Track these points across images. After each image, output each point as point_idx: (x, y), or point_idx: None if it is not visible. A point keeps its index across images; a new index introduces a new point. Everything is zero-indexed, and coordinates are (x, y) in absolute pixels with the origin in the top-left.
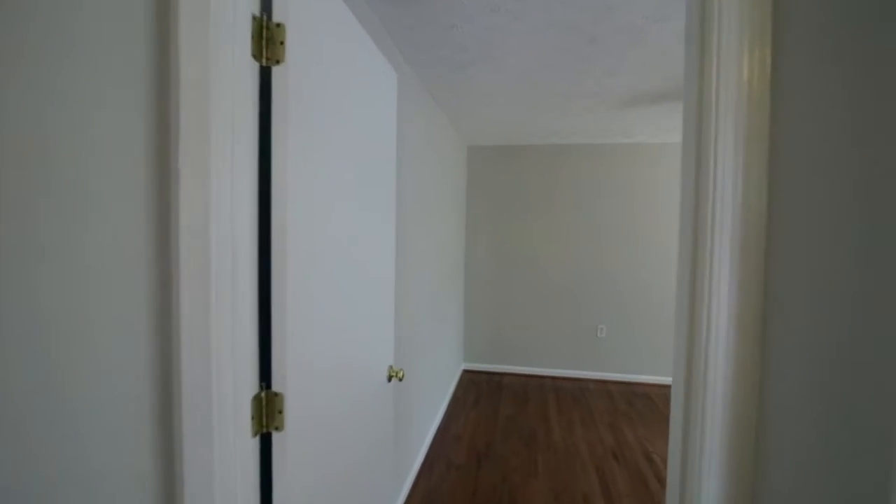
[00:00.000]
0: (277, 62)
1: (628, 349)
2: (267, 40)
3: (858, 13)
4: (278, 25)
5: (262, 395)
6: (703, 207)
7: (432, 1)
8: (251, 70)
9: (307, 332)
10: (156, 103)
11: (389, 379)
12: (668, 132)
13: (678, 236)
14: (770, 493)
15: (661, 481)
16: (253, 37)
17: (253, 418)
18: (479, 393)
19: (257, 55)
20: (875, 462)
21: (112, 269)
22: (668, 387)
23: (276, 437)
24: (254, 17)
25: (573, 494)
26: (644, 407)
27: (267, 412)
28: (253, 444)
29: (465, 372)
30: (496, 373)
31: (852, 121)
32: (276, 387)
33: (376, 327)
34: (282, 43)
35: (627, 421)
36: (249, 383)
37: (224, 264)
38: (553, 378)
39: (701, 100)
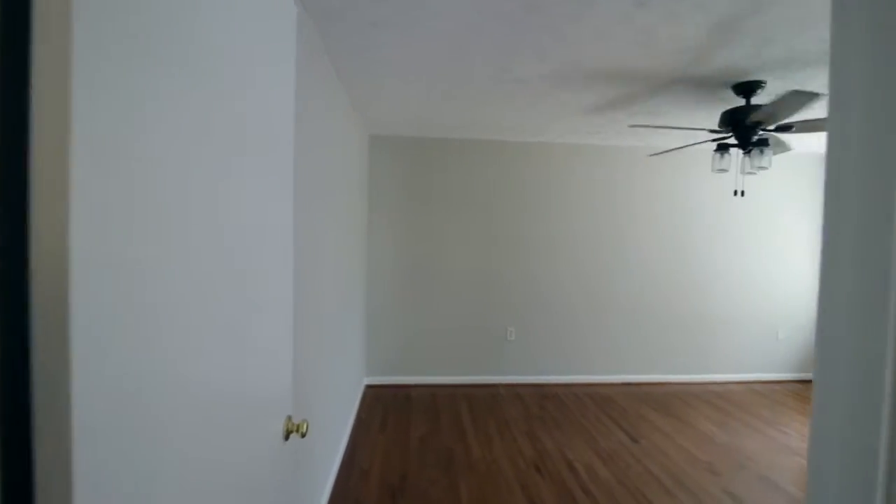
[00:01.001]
0: None
1: (537, 350)
2: None
3: None
4: None
5: None
6: None
7: None
8: None
9: (127, 410)
10: None
11: (287, 436)
12: (583, 134)
13: (822, 234)
14: None
15: (587, 492)
16: None
17: None
18: (385, 411)
19: None
20: None
21: None
22: (574, 385)
23: None
24: None
25: None
26: (555, 409)
27: None
28: None
29: (369, 387)
30: (403, 385)
31: None
32: None
33: (266, 365)
34: None
35: (542, 426)
36: None
37: None
38: (463, 386)
39: None
